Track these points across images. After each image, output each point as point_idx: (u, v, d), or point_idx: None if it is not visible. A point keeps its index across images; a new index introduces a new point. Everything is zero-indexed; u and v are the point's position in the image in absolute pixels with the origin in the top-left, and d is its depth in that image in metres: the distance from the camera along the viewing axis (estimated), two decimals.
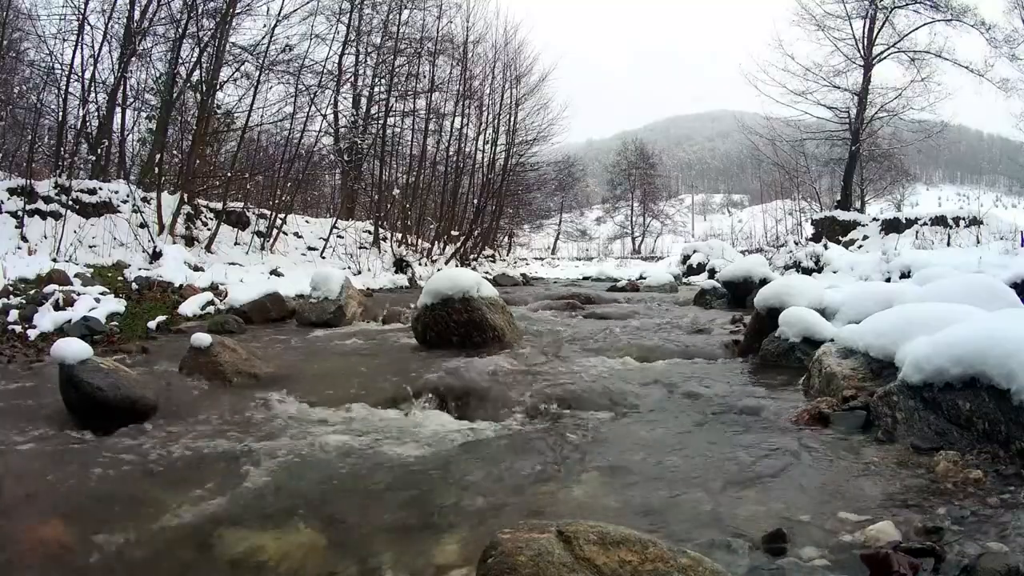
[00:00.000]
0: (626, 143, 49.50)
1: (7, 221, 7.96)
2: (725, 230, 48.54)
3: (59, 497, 2.15)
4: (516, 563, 1.25)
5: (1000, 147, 72.34)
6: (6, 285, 5.82)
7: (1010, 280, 5.33)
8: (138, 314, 6.06)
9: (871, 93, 19.53)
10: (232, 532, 1.89)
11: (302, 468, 2.36)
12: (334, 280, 6.70)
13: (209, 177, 12.01)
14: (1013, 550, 1.48)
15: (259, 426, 2.90)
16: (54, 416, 3.02)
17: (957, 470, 2.00)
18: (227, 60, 11.90)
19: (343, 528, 1.91)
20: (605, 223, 51.17)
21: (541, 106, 21.58)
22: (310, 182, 16.56)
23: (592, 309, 7.96)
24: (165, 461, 2.46)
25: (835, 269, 11.05)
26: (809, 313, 3.98)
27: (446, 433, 2.81)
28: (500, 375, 3.55)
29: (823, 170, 22.06)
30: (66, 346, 3.04)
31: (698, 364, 4.22)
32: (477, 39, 18.75)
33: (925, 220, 15.64)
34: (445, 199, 18.39)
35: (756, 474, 2.15)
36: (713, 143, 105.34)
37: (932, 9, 18.45)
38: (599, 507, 1.96)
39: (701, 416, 2.94)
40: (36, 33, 11.24)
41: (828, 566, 1.50)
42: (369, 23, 16.19)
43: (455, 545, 1.77)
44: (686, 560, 1.29)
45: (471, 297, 4.85)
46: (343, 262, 12.44)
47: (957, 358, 2.20)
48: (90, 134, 11.04)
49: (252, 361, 3.93)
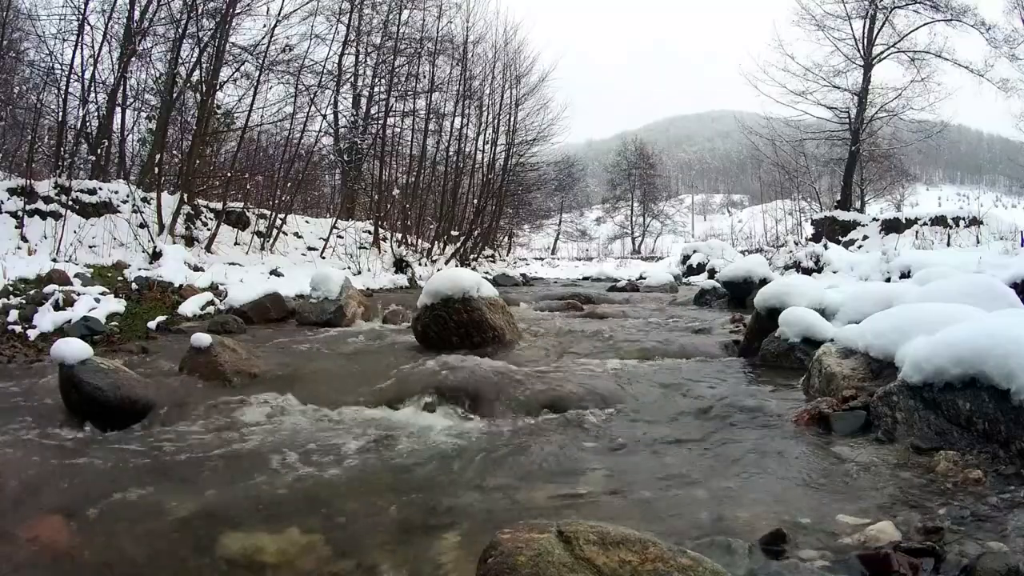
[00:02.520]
0: (626, 143, 49.53)
1: (7, 221, 7.95)
2: (725, 230, 48.64)
3: (59, 497, 2.15)
4: (516, 563, 1.25)
5: (1000, 147, 72.31)
6: (6, 285, 5.82)
7: (1010, 280, 5.31)
8: (138, 314, 6.06)
9: (871, 93, 19.56)
10: (232, 532, 1.89)
11: (302, 468, 2.36)
12: (334, 280, 6.70)
13: (209, 177, 12.00)
14: (1013, 550, 1.48)
15: (259, 426, 2.90)
16: (54, 416, 3.02)
17: (957, 470, 2.00)
18: (227, 60, 11.89)
19: (343, 528, 1.91)
20: (605, 223, 51.20)
21: (541, 106, 21.63)
22: (310, 182, 16.56)
23: (592, 309, 7.95)
24: (165, 461, 2.46)
25: (835, 269, 11.04)
26: (809, 313, 3.98)
27: (446, 433, 2.80)
28: (500, 375, 3.55)
29: (823, 170, 22.09)
30: (66, 346, 3.04)
31: (698, 364, 4.22)
32: (477, 39, 18.78)
33: (925, 220, 15.66)
34: (445, 199, 18.38)
35: (756, 474, 2.15)
36: (713, 143, 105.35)
37: (932, 9, 18.47)
38: (599, 507, 1.96)
39: (701, 416, 2.94)
40: (36, 33, 11.27)
41: (828, 566, 1.50)
42: (369, 23, 16.20)
43: (455, 545, 1.77)
44: (686, 560, 1.29)
45: (471, 297, 4.85)
46: (343, 262, 12.44)
47: (957, 358, 2.20)
48: (90, 134, 11.04)
49: (252, 361, 3.93)
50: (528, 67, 21.03)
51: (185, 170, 11.01)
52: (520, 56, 20.74)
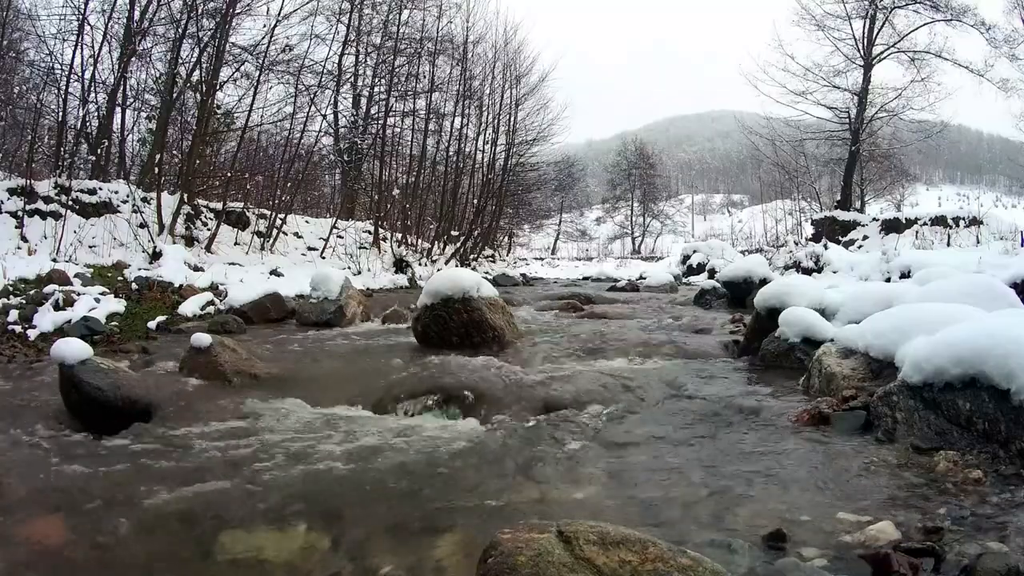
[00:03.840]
0: (626, 143, 49.53)
1: (7, 221, 7.95)
2: (725, 230, 48.67)
3: (59, 496, 2.15)
4: (516, 563, 1.25)
5: (1000, 147, 72.27)
6: (6, 285, 5.82)
7: (1010, 280, 5.31)
8: (138, 314, 6.06)
9: (871, 93, 19.56)
10: (232, 532, 1.89)
11: (302, 468, 2.36)
12: (334, 280, 6.70)
13: (209, 177, 12.00)
14: (1013, 550, 1.48)
15: (259, 426, 2.90)
16: (54, 416, 3.02)
17: (957, 470, 2.00)
18: (227, 60, 11.89)
19: (343, 528, 1.91)
20: (605, 223, 51.20)
21: (541, 106, 21.62)
22: (310, 182, 16.55)
23: (592, 309, 7.95)
24: (165, 461, 2.46)
25: (835, 269, 11.04)
26: (809, 313, 3.97)
27: (446, 433, 2.80)
28: (500, 375, 3.55)
29: (823, 170, 22.10)
30: (66, 346, 3.04)
31: (698, 364, 4.22)
32: (477, 39, 18.77)
33: (925, 220, 15.66)
34: (445, 199, 18.38)
35: (756, 474, 2.15)
36: (713, 143, 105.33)
37: (932, 9, 18.48)
38: (599, 507, 1.96)
39: (701, 416, 2.94)
40: (36, 33, 11.27)
41: (828, 566, 1.50)
42: (369, 23, 16.19)
43: (455, 545, 1.77)
44: (686, 560, 1.29)
45: (471, 297, 4.85)
46: (343, 262, 12.43)
47: (957, 358, 2.20)
48: (90, 134, 11.04)
49: (252, 361, 3.93)
50: (528, 67, 21.06)
51: (185, 170, 11.01)
52: (520, 56, 20.76)
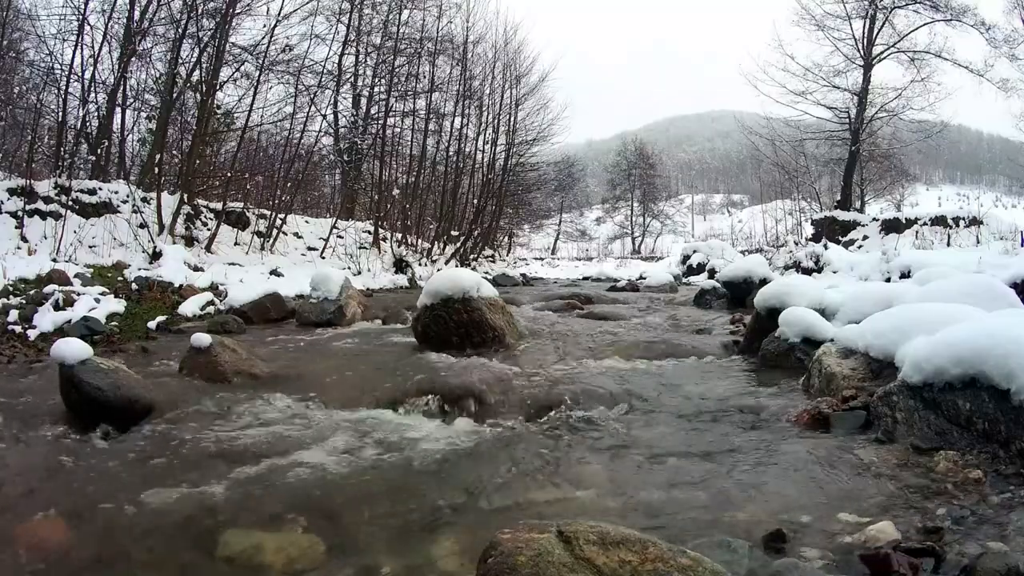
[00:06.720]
0: (626, 143, 49.50)
1: (7, 221, 7.95)
2: (725, 230, 48.66)
3: (59, 496, 2.15)
4: (516, 563, 1.25)
5: (1000, 147, 72.24)
6: (6, 285, 5.82)
7: (1010, 280, 5.30)
8: (138, 314, 6.06)
9: (871, 93, 19.55)
10: (232, 532, 1.89)
11: (302, 468, 2.36)
12: (334, 280, 6.69)
13: (209, 177, 12.00)
14: (1013, 550, 1.48)
15: (259, 426, 2.90)
16: (54, 416, 3.02)
17: (957, 470, 2.00)
18: (227, 60, 11.87)
19: (343, 528, 1.91)
20: (605, 223, 51.19)
21: (541, 106, 21.59)
22: (310, 182, 16.55)
23: (592, 309, 7.95)
24: (165, 461, 2.46)
25: (835, 269, 11.03)
26: (809, 313, 3.97)
27: (446, 433, 2.81)
28: (500, 375, 3.55)
29: (823, 170, 22.09)
30: (66, 346, 3.04)
31: (698, 364, 4.22)
32: (477, 39, 18.75)
33: (925, 220, 15.66)
34: (445, 199, 18.37)
35: (756, 474, 2.15)
36: (713, 143, 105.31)
37: (932, 9, 18.47)
38: (599, 507, 1.96)
39: (701, 416, 2.94)
40: (36, 33, 11.25)
41: (828, 566, 1.50)
42: (369, 23, 16.18)
43: (455, 545, 1.77)
44: (686, 560, 1.29)
45: (471, 297, 4.85)
46: (343, 262, 12.43)
47: (957, 358, 2.20)
48: (90, 134, 11.03)
49: (252, 361, 3.93)
50: (528, 67, 21.04)
51: (185, 170, 11.01)
52: (520, 56, 20.73)
